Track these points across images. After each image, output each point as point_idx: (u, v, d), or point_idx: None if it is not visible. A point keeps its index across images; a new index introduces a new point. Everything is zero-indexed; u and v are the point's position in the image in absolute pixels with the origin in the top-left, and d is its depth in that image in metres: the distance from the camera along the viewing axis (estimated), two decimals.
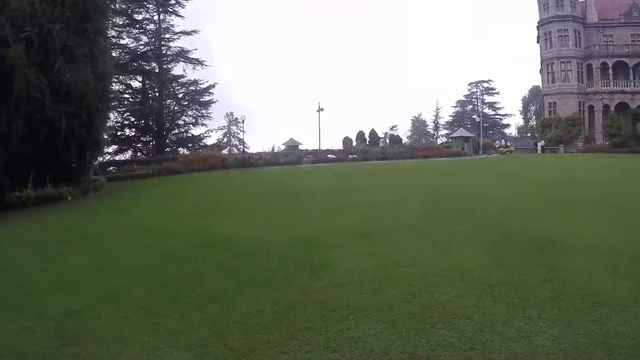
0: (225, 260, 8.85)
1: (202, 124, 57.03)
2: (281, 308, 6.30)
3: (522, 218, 12.10)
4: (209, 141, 58.89)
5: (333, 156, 47.82)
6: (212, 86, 55.97)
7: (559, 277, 7.11)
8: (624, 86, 65.06)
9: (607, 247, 8.86)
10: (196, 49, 53.42)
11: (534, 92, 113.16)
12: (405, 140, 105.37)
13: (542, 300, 6.26)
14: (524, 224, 11.23)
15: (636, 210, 13.41)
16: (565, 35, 67.45)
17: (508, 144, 78.43)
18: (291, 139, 57.31)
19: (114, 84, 35.27)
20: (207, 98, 56.13)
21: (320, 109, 60.62)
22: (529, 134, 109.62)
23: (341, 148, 56.29)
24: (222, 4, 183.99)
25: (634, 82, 65.14)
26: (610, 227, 10.76)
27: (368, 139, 64.66)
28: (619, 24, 70.20)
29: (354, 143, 61.88)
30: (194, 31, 54.61)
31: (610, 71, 65.51)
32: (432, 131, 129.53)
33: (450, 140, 70.18)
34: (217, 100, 57.26)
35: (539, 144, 65.01)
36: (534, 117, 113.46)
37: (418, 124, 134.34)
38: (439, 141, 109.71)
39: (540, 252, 8.56)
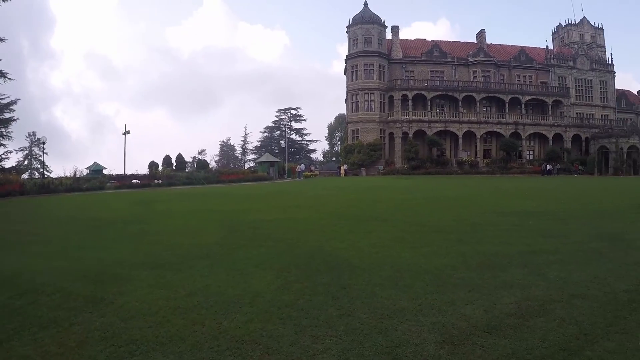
0: (8, 300, 8.05)
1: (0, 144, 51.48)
2: (67, 349, 5.81)
3: (317, 239, 12.46)
4: (8, 164, 53.56)
5: (138, 181, 46.24)
6: (14, 102, 50.67)
7: (347, 294, 7.36)
8: (422, 116, 72.59)
9: (393, 263, 9.48)
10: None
11: (340, 119, 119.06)
12: (213, 164, 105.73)
13: (330, 317, 6.40)
14: (318, 245, 11.59)
15: (423, 226, 14.80)
16: (370, 69, 72.98)
17: (313, 167, 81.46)
18: (95, 163, 55.02)
19: None
20: (7, 115, 50.51)
21: (126, 132, 57.66)
22: (334, 159, 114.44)
23: (147, 173, 54.52)
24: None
25: (431, 112, 73.25)
26: (398, 244, 11.57)
27: (175, 164, 63.43)
28: (420, 61, 78.56)
29: (160, 167, 60.28)
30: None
31: (410, 102, 72.72)
32: (240, 156, 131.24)
33: (256, 164, 71.15)
34: (18, 118, 51.39)
35: (342, 167, 68.15)
36: (339, 142, 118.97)
37: (227, 149, 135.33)
38: (247, 166, 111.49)
39: (331, 271, 8.83)
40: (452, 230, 13.87)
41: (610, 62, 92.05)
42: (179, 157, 65.56)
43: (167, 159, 64.68)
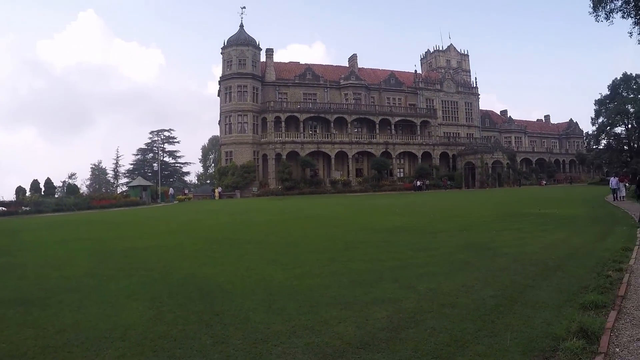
0: None
1: None
2: None
3: (190, 265, 12.14)
4: None
5: (4, 209, 42.91)
6: None
7: (220, 321, 7.18)
8: (295, 137, 73.38)
9: (266, 286, 9.42)
10: None
11: (213, 141, 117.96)
12: (84, 189, 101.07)
13: (204, 346, 6.21)
14: (191, 271, 11.29)
15: (296, 247, 14.87)
16: (244, 91, 72.85)
17: (186, 191, 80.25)
18: None
19: None
20: None
21: None
22: (208, 181, 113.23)
23: (13, 199, 51.11)
24: None
25: (304, 134, 74.04)
26: (271, 266, 11.52)
27: (43, 189, 59.73)
28: (293, 84, 79.53)
29: (28, 193, 56.75)
30: None
31: (283, 124, 73.32)
32: (112, 180, 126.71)
33: (128, 189, 68.92)
34: None
35: (216, 190, 67.45)
36: (213, 164, 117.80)
37: (98, 172, 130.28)
38: (119, 190, 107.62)
39: (204, 298, 8.61)
40: (324, 250, 14.05)
41: (474, 85, 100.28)
42: (48, 182, 61.81)
43: (35, 183, 60.70)
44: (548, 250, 13.08)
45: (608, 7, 29.83)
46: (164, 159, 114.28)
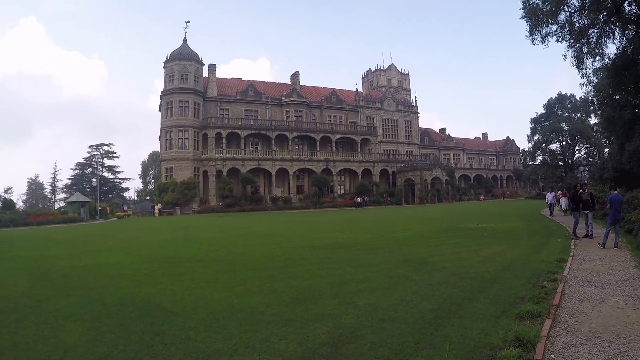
0: None
1: None
2: None
3: (130, 285, 11.82)
4: None
5: None
6: None
7: (161, 341, 7.05)
8: (236, 154, 73.12)
9: (207, 305, 9.28)
10: None
11: (154, 157, 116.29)
12: (20, 204, 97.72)
13: None
14: (130, 290, 11.01)
15: (236, 265, 14.71)
16: (185, 107, 72.15)
17: (126, 207, 78.82)
18: None
19: None
20: None
21: None
22: (148, 197, 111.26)
23: None
24: None
25: (245, 151, 73.76)
26: (212, 285, 11.36)
27: None
28: (235, 100, 79.25)
29: None
30: None
31: (224, 140, 72.83)
32: (50, 195, 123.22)
33: (66, 205, 67.02)
34: None
35: (156, 207, 66.32)
36: (152, 181, 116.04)
37: (35, 187, 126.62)
38: (57, 206, 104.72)
39: (145, 318, 8.41)
40: (265, 267, 13.96)
41: (414, 104, 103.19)
42: None
43: None
44: (485, 263, 13.40)
45: (544, 31, 31.11)
46: (103, 174, 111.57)
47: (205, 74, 79.13)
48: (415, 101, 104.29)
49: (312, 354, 6.24)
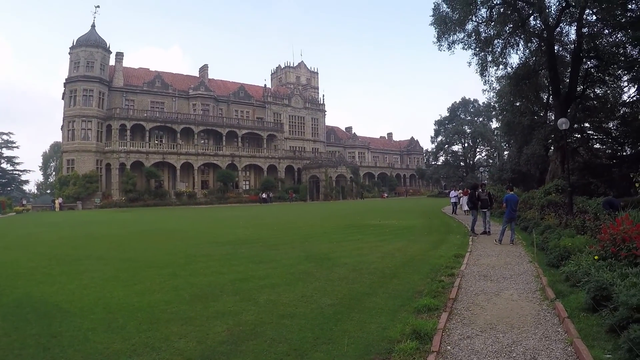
0: None
1: None
2: None
3: (25, 284, 11.27)
4: None
5: None
6: None
7: (59, 343, 6.83)
8: (140, 147, 71.31)
9: (105, 304, 9.08)
10: None
11: (55, 148, 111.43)
12: None
13: None
14: (27, 290, 10.52)
15: (137, 262, 14.46)
16: (90, 96, 69.45)
17: (24, 201, 75.43)
18: None
19: None
20: None
21: None
22: (48, 191, 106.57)
23: None
24: None
25: (149, 144, 72.01)
26: (111, 283, 11.09)
27: None
28: (141, 91, 77.31)
29: None
30: None
31: (129, 132, 70.92)
32: None
33: None
34: None
35: (57, 201, 63.79)
36: (54, 173, 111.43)
37: None
38: None
39: (41, 319, 8.10)
40: (166, 265, 13.78)
41: (322, 102, 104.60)
42: None
43: None
44: (385, 259, 13.85)
45: (451, 38, 32.44)
46: (1, 165, 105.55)
47: (112, 62, 76.13)
48: (323, 99, 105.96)
49: (212, 352, 6.26)
